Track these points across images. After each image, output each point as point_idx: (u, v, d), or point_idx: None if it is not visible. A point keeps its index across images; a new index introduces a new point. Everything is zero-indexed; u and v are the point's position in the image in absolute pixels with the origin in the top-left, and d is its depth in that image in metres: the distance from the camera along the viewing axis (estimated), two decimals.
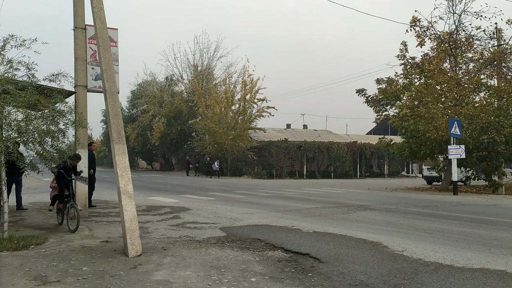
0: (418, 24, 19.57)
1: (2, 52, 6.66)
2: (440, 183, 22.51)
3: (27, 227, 8.06)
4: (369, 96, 21.91)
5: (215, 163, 32.69)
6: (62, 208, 8.17)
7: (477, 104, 18.72)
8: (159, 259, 5.48)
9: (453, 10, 19.99)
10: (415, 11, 24.63)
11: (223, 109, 34.31)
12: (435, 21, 19.84)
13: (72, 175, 8.17)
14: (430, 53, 20.13)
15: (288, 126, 47.63)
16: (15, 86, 6.34)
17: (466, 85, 18.94)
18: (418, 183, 26.19)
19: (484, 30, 19.69)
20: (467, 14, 19.86)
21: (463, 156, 17.11)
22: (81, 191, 9.46)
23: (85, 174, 9.45)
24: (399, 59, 20.68)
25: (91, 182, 10.89)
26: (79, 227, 7.52)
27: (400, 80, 20.87)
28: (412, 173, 42.25)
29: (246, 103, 33.97)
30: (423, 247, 6.29)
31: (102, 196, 13.89)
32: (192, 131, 39.39)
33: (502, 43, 20.03)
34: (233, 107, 34.82)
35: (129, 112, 50.17)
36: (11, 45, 6.70)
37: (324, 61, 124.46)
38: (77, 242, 6.58)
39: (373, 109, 21.95)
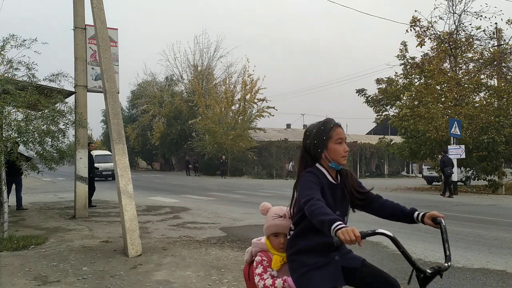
0: (418, 24, 19.54)
1: (2, 52, 6.66)
2: (440, 183, 22.50)
3: (27, 227, 8.06)
4: (369, 96, 21.85)
5: (290, 163, 31.14)
6: None
7: (477, 104, 18.71)
8: (159, 259, 5.48)
9: (453, 10, 19.99)
10: (415, 11, 24.57)
11: (223, 109, 34.33)
12: (435, 21, 19.83)
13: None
14: (430, 53, 20.09)
15: (288, 126, 47.68)
16: (15, 86, 6.35)
17: (466, 85, 18.92)
18: (418, 183, 26.16)
19: (484, 30, 19.68)
20: (467, 14, 19.86)
21: (463, 156, 17.11)
22: (81, 191, 9.46)
23: (84, 174, 9.47)
24: (399, 59, 20.64)
25: (91, 182, 10.92)
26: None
27: (400, 80, 20.83)
28: (412, 173, 42.22)
29: (246, 103, 33.99)
30: (423, 247, 6.29)
31: (102, 196, 13.88)
32: (192, 131, 39.40)
33: (502, 43, 20.02)
34: (233, 107, 34.86)
35: (129, 112, 50.17)
36: (11, 45, 6.72)
37: (324, 61, 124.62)
38: (77, 242, 6.57)
39: (373, 109, 21.90)
